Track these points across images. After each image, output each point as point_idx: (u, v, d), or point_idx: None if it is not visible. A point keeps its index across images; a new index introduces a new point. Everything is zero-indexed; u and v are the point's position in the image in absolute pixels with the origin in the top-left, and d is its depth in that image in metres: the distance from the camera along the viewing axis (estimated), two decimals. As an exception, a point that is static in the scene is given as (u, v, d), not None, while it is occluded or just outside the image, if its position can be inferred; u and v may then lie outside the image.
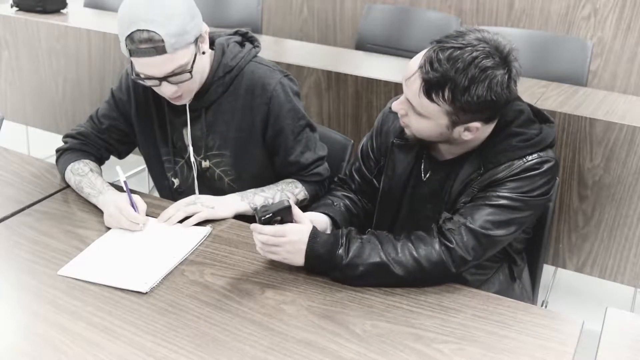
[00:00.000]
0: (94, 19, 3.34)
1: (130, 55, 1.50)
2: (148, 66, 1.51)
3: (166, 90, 1.58)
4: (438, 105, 1.37)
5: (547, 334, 1.28)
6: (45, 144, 3.33)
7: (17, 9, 3.34)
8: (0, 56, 3.39)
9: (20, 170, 1.86)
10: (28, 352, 1.20)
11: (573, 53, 2.83)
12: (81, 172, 1.71)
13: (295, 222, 1.42)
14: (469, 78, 1.32)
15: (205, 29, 1.61)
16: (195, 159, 1.77)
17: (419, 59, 1.39)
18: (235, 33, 1.79)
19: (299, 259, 1.42)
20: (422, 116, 1.42)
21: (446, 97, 1.35)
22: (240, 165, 1.77)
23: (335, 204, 1.67)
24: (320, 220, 1.59)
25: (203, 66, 1.64)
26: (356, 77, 2.58)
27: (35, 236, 1.56)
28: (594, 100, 2.41)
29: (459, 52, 1.33)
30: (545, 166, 1.44)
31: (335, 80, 2.62)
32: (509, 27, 3.40)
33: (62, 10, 3.37)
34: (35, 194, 1.74)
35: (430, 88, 1.35)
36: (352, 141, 1.95)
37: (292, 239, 1.40)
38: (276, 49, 2.98)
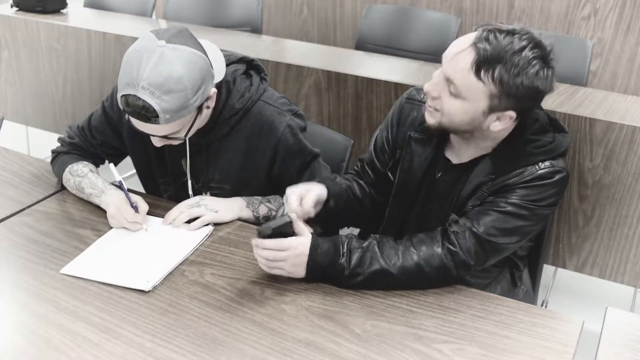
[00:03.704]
0: (94, 19, 3.34)
1: (124, 111, 1.46)
2: (139, 125, 1.48)
3: (155, 144, 1.55)
4: (484, 84, 1.35)
5: (547, 334, 1.28)
6: (45, 144, 3.32)
7: (17, 9, 3.34)
8: (0, 56, 3.39)
9: (20, 170, 1.86)
10: (28, 352, 1.20)
11: (573, 53, 2.82)
12: (81, 173, 1.70)
13: (297, 234, 1.41)
14: (519, 64, 1.33)
15: (214, 92, 1.52)
16: (194, 186, 1.74)
17: (468, 39, 1.38)
18: (240, 60, 1.68)
19: (301, 271, 1.40)
20: (459, 97, 1.39)
21: (495, 77, 1.34)
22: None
23: (337, 180, 1.65)
24: (315, 188, 1.54)
25: (205, 114, 1.58)
26: (356, 77, 2.57)
27: (35, 236, 1.56)
28: (594, 100, 2.41)
29: (511, 37, 1.34)
30: (557, 177, 1.43)
31: (335, 80, 2.62)
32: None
33: (62, 10, 3.37)
34: (35, 194, 1.74)
35: (483, 63, 1.34)
36: (352, 141, 1.95)
37: (295, 252, 1.38)
38: (276, 49, 2.98)
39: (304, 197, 1.49)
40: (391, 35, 3.23)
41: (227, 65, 1.62)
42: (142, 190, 1.88)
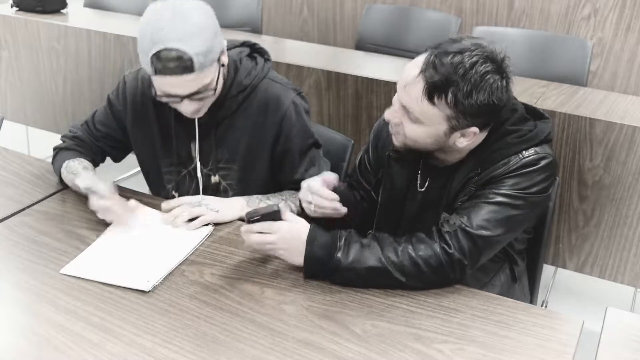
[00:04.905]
0: (94, 19, 3.34)
1: (156, 73, 1.46)
2: (173, 85, 1.48)
3: (186, 109, 1.55)
4: (439, 109, 1.37)
5: (547, 334, 1.28)
6: (45, 144, 3.32)
7: (17, 9, 3.34)
8: (0, 56, 3.39)
9: (20, 170, 1.86)
10: (28, 352, 1.20)
11: (573, 53, 2.83)
12: (74, 170, 1.70)
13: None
14: (471, 82, 1.33)
15: (225, 44, 1.58)
16: (202, 170, 1.76)
17: (417, 65, 1.38)
18: (243, 44, 1.75)
19: (296, 258, 1.41)
20: (418, 123, 1.41)
21: (449, 101, 1.35)
22: (246, 180, 1.75)
23: (342, 188, 1.66)
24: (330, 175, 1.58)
25: (222, 77, 1.61)
26: (356, 77, 2.58)
27: (35, 236, 1.56)
28: (594, 100, 2.41)
29: (459, 56, 1.34)
30: (543, 162, 1.43)
31: (335, 80, 2.62)
32: (509, 27, 3.40)
33: (62, 10, 3.37)
34: (35, 194, 1.74)
35: (433, 91, 1.35)
36: (352, 141, 1.95)
37: (284, 236, 1.40)
38: (276, 49, 2.98)
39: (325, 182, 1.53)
40: (391, 35, 3.23)
41: (232, 48, 1.68)
42: (140, 189, 1.87)
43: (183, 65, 1.43)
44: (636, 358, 1.23)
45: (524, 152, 1.43)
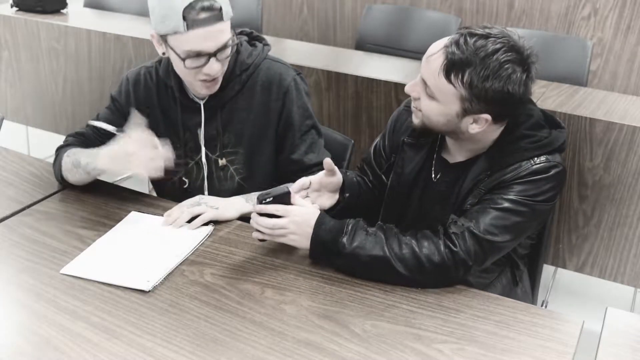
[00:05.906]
0: (94, 19, 3.34)
1: (189, 28, 1.52)
2: (205, 38, 1.54)
3: (213, 69, 1.59)
4: (454, 87, 1.38)
5: (547, 334, 1.28)
6: (45, 144, 3.33)
7: (17, 9, 3.34)
8: (0, 56, 3.39)
9: (20, 170, 1.86)
10: (28, 352, 1.20)
11: (573, 53, 2.83)
12: (76, 151, 1.71)
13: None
14: (490, 67, 1.35)
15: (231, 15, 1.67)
16: (209, 157, 1.78)
17: (444, 40, 1.41)
18: (241, 33, 1.81)
19: (305, 242, 1.43)
20: (433, 99, 1.43)
21: (465, 81, 1.37)
22: (253, 163, 1.78)
23: (348, 173, 1.70)
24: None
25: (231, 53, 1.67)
26: (356, 77, 2.58)
27: (35, 236, 1.56)
28: (594, 100, 2.41)
29: (484, 40, 1.37)
30: (553, 171, 1.43)
31: (335, 80, 2.62)
32: (509, 27, 3.40)
33: (62, 10, 3.37)
34: (35, 194, 1.74)
35: (452, 67, 1.37)
36: (352, 141, 1.95)
37: (296, 220, 1.42)
38: (276, 49, 2.96)
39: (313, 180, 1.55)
40: (391, 35, 3.23)
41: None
42: (140, 189, 1.87)
43: (214, 14, 1.52)
44: (636, 358, 1.23)
45: (535, 158, 1.44)
